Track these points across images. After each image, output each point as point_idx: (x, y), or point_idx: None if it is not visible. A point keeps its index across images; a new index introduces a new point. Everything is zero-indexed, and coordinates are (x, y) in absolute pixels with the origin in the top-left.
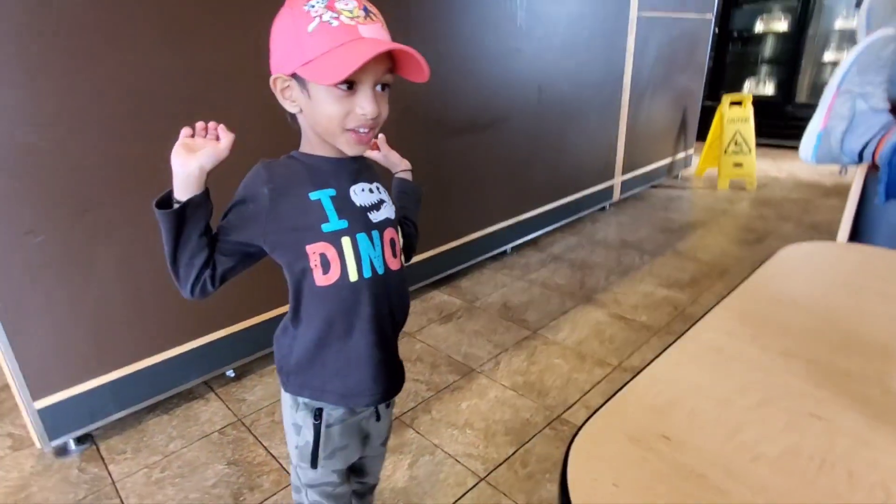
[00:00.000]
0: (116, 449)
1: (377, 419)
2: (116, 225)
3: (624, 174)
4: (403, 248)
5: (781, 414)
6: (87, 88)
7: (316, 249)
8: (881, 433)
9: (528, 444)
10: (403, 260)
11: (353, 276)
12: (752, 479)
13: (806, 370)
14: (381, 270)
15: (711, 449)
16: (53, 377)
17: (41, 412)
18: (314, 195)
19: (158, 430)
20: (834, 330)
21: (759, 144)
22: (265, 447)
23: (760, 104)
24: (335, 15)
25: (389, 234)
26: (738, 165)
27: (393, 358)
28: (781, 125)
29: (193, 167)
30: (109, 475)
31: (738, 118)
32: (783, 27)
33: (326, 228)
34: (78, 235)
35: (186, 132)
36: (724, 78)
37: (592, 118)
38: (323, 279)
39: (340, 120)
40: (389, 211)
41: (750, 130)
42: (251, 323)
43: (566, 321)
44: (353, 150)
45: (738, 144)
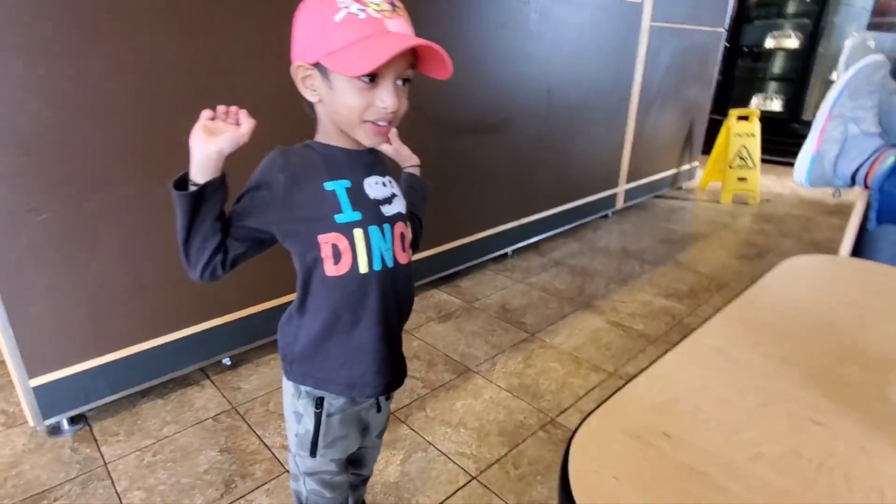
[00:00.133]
0: (109, 431)
1: (378, 410)
2: (121, 207)
3: (628, 183)
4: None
5: (782, 416)
6: (99, 70)
7: (328, 240)
8: (879, 441)
9: (520, 445)
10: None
11: (363, 268)
12: (751, 478)
13: (806, 377)
14: (390, 264)
15: (712, 447)
16: (50, 356)
17: (36, 390)
18: (329, 185)
19: (152, 414)
20: (834, 341)
21: (763, 160)
22: (258, 436)
23: (767, 120)
24: (362, 7)
25: (400, 227)
26: (741, 180)
27: (397, 351)
28: (787, 142)
29: (213, 150)
30: (101, 456)
31: (744, 133)
32: (793, 44)
33: (339, 219)
34: (82, 216)
35: (207, 114)
36: (731, 92)
37: (599, 125)
38: (333, 270)
39: (360, 111)
40: (401, 205)
41: (756, 145)
42: (250, 312)
43: (564, 326)
44: (371, 140)
45: (743, 159)
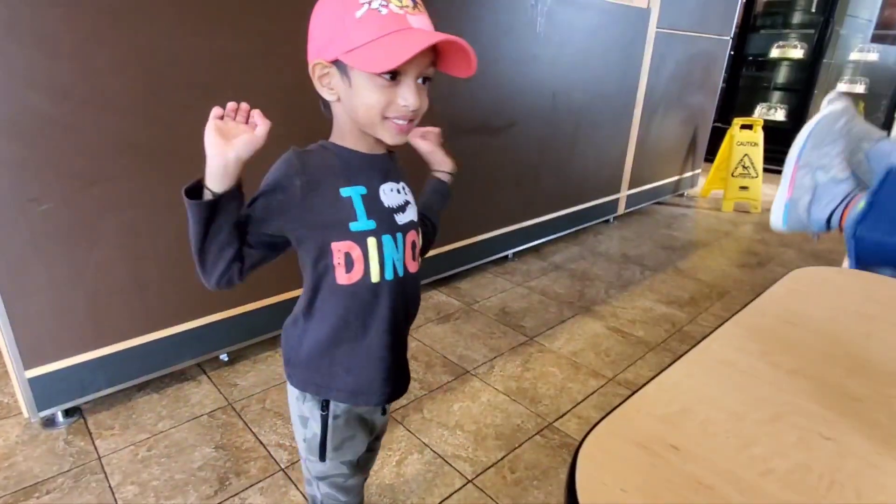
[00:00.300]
0: (104, 424)
1: (382, 412)
2: (123, 201)
3: (630, 188)
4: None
5: (791, 430)
6: (104, 62)
7: (341, 248)
8: (889, 457)
9: (517, 449)
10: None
11: (374, 276)
12: (761, 494)
13: (814, 389)
14: (401, 273)
15: (720, 461)
16: (47, 347)
17: (31, 381)
18: (345, 191)
19: (148, 408)
20: (843, 353)
21: (766, 170)
22: (254, 433)
23: (770, 130)
24: (384, 3)
25: (412, 236)
26: (743, 189)
27: (403, 358)
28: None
29: (231, 157)
30: (96, 450)
31: (747, 141)
32: (798, 54)
33: (354, 227)
34: (83, 208)
35: (217, 112)
36: (735, 101)
37: (603, 130)
38: (345, 278)
39: (381, 109)
40: (413, 213)
41: (758, 155)
42: (248, 308)
43: (563, 330)
44: (393, 139)
45: (745, 168)
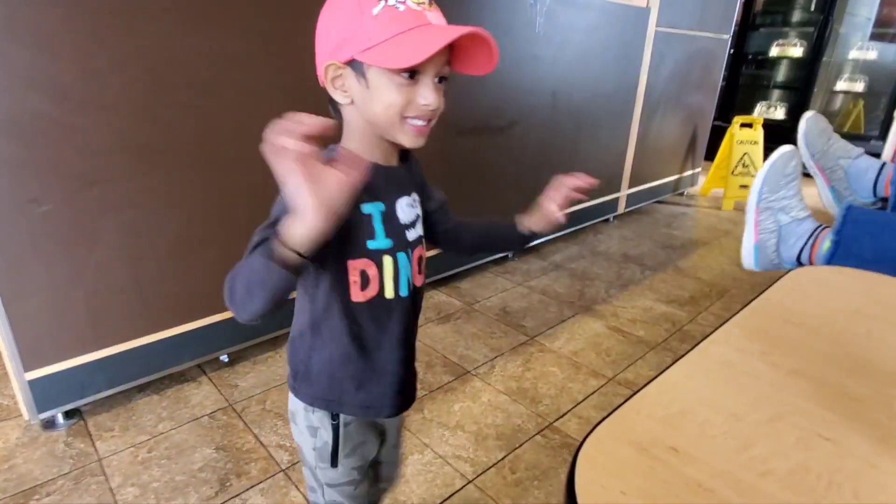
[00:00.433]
0: (104, 426)
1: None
2: (123, 201)
3: (630, 187)
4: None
5: (790, 431)
6: (104, 62)
7: (357, 266)
8: (888, 457)
9: (518, 449)
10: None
11: (389, 293)
12: (760, 495)
13: (814, 390)
14: (411, 288)
15: (720, 463)
16: (47, 349)
17: (31, 383)
18: (366, 208)
19: (148, 409)
20: (843, 353)
21: None
22: (255, 434)
23: (770, 128)
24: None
25: (419, 251)
26: (744, 187)
27: (413, 370)
28: None
29: (333, 220)
30: (96, 451)
31: (747, 140)
32: (798, 53)
33: (371, 245)
34: (83, 208)
35: (299, 145)
36: (735, 99)
37: (603, 129)
38: (360, 295)
39: (400, 109)
40: (420, 227)
41: (759, 153)
42: None
43: (563, 330)
44: (411, 142)
45: (745, 167)
